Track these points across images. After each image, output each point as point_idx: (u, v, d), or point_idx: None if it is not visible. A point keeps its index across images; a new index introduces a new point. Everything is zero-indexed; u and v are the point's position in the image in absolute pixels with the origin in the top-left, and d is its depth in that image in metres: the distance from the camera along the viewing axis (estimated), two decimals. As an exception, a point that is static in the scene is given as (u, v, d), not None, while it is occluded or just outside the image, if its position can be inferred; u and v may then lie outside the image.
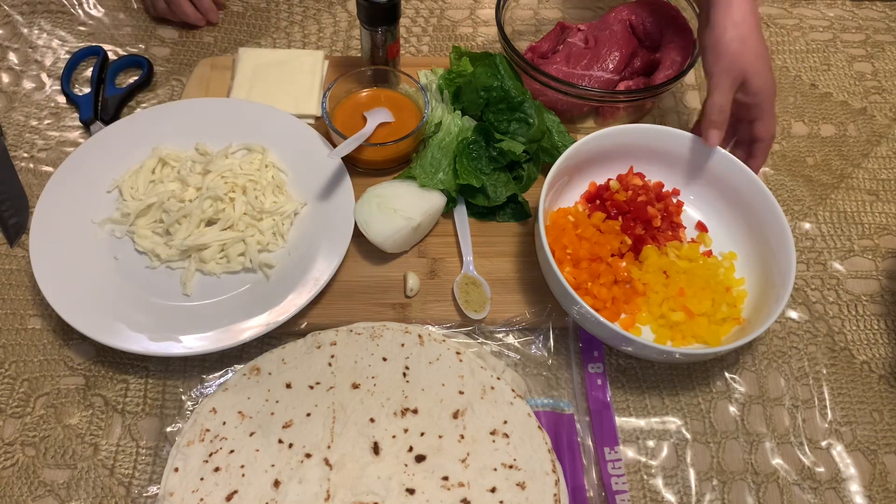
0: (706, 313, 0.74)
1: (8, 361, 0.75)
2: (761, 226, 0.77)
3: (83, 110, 0.92)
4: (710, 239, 0.81)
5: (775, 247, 0.74)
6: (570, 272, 0.75)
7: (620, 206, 0.80)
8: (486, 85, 0.83)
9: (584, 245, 0.76)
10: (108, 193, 0.81)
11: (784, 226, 0.74)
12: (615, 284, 0.75)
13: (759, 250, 0.77)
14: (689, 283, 0.75)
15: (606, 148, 0.81)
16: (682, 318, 0.73)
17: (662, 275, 0.76)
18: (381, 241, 0.77)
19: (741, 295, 0.76)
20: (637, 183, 0.82)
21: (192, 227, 0.77)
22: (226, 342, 0.71)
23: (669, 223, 0.81)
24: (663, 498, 0.69)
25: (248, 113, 0.87)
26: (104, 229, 0.79)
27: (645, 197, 0.80)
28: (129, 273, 0.77)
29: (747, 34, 0.73)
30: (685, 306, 0.73)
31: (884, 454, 0.72)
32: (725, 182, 0.80)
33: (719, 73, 0.74)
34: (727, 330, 0.73)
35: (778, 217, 0.75)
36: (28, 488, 0.68)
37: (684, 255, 0.78)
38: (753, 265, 0.78)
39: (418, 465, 0.64)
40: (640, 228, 0.79)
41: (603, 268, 0.75)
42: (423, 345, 0.71)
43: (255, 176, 0.81)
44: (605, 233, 0.78)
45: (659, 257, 0.78)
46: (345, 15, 1.05)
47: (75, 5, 1.04)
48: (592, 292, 0.74)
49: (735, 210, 0.80)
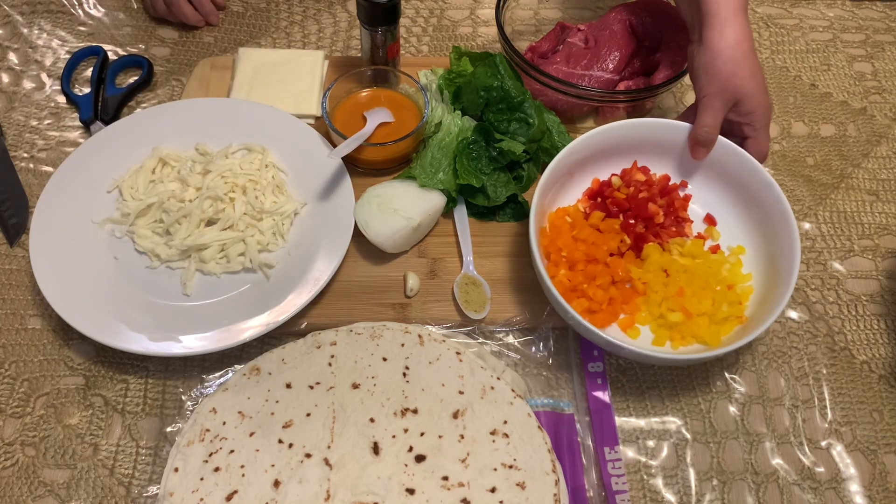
0: (706, 313, 0.73)
1: (8, 361, 0.75)
2: (768, 220, 0.76)
3: (83, 110, 0.92)
4: (717, 233, 0.80)
5: (781, 243, 0.73)
6: (565, 275, 0.75)
7: (621, 203, 0.79)
8: (487, 85, 0.83)
9: (579, 247, 0.76)
10: (108, 193, 0.81)
11: (791, 222, 0.72)
12: (613, 285, 0.75)
13: (765, 246, 0.76)
14: (689, 282, 0.74)
15: (608, 144, 0.80)
16: (680, 319, 0.73)
17: (663, 274, 0.76)
18: (381, 241, 0.77)
19: (746, 292, 0.75)
20: (640, 178, 0.81)
21: (192, 227, 0.77)
22: (226, 342, 0.71)
23: (674, 218, 0.79)
24: (663, 498, 0.69)
25: (248, 113, 0.87)
26: (104, 229, 0.79)
27: (647, 193, 0.79)
28: (129, 273, 0.77)
29: (741, 56, 0.72)
30: (683, 307, 0.73)
31: (884, 454, 0.72)
32: (733, 174, 0.78)
33: (712, 95, 0.73)
34: (728, 329, 0.73)
35: (785, 212, 0.73)
36: (28, 488, 0.68)
37: (688, 251, 0.77)
38: (761, 261, 0.77)
39: (418, 465, 0.64)
40: (641, 226, 0.78)
41: (600, 269, 0.74)
42: (423, 345, 0.71)
43: (255, 176, 0.81)
44: (605, 232, 0.78)
45: (661, 255, 0.77)
46: (345, 15, 1.05)
47: (75, 5, 1.04)
48: (588, 294, 0.73)
49: (743, 203, 0.79)
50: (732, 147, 0.77)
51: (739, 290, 0.75)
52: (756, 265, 0.77)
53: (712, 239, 0.80)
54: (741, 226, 0.79)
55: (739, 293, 0.75)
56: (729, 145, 0.77)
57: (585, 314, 0.72)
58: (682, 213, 0.81)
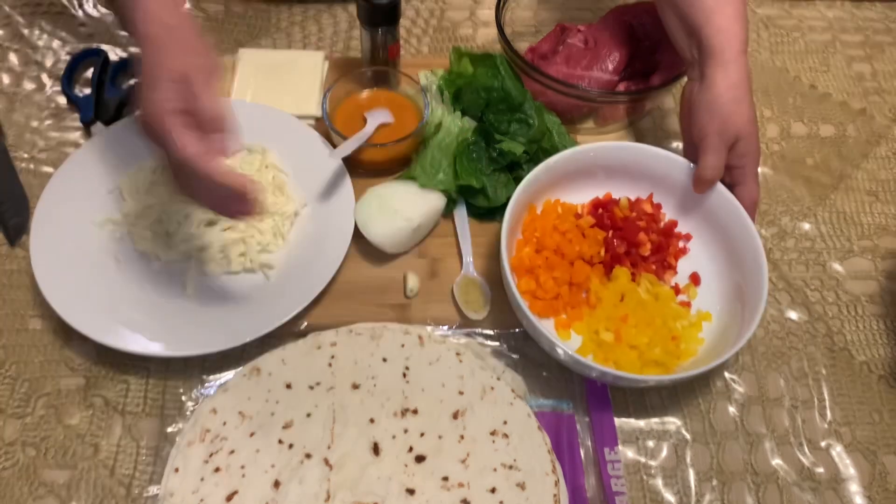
0: (637, 347, 0.71)
1: (8, 362, 0.75)
2: (745, 290, 0.74)
3: (84, 111, 0.92)
4: (695, 293, 0.78)
5: (745, 315, 0.71)
6: (527, 254, 0.75)
7: (615, 220, 0.79)
8: (487, 85, 0.83)
9: (554, 236, 0.76)
10: (109, 194, 0.81)
11: (761, 296, 0.70)
12: (569, 286, 0.75)
13: (730, 319, 0.74)
14: (636, 312, 0.73)
15: (632, 164, 0.80)
16: (610, 340, 0.72)
17: (619, 297, 0.75)
18: (380, 242, 0.77)
19: (688, 352, 0.73)
20: (647, 209, 0.80)
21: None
22: (227, 343, 0.71)
23: (661, 259, 0.78)
24: (663, 498, 0.69)
25: (247, 114, 0.86)
26: (104, 230, 0.79)
27: (644, 223, 0.78)
28: (129, 274, 0.77)
29: (742, 96, 0.72)
30: (618, 330, 0.72)
31: (883, 454, 0.73)
32: (734, 244, 0.76)
33: (713, 134, 0.72)
34: (650, 371, 0.71)
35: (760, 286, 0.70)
36: (28, 488, 0.68)
37: (654, 291, 0.76)
38: (716, 328, 0.75)
39: (418, 465, 0.64)
40: (623, 248, 0.77)
41: (563, 265, 0.75)
42: (423, 345, 0.71)
43: (256, 176, 0.81)
44: (587, 237, 0.77)
45: (627, 282, 0.76)
46: (345, 15, 1.05)
47: (76, 6, 1.04)
48: (539, 280, 0.73)
49: (730, 274, 0.77)
50: (743, 216, 0.75)
51: (683, 346, 0.73)
52: (711, 333, 0.75)
53: (688, 296, 0.78)
54: (720, 295, 0.77)
55: (681, 349, 0.73)
56: (741, 214, 0.75)
57: (528, 296, 0.73)
58: (671, 260, 0.79)
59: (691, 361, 0.72)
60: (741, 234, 0.75)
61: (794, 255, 0.85)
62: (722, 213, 0.77)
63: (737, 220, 0.75)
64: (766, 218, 0.88)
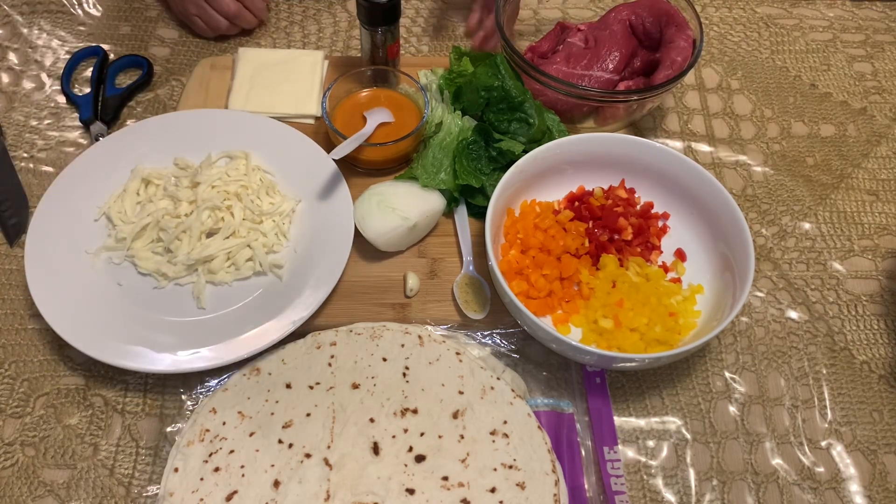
0: (638, 329, 0.72)
1: (8, 361, 0.75)
2: (732, 259, 0.75)
3: (83, 110, 0.92)
4: (683, 268, 0.79)
5: (736, 282, 0.72)
6: (514, 256, 0.76)
7: (593, 210, 0.79)
8: (487, 85, 0.83)
9: (537, 235, 0.77)
10: (96, 222, 0.79)
11: (749, 258, 0.71)
12: (560, 281, 0.75)
13: (722, 288, 0.75)
14: (631, 295, 0.74)
15: (599, 154, 0.81)
16: (610, 327, 0.72)
17: (610, 284, 0.75)
18: (375, 238, 0.77)
19: (688, 326, 0.74)
20: (622, 195, 0.81)
21: (193, 241, 0.76)
22: (254, 346, 0.70)
23: (644, 241, 0.79)
24: (663, 498, 0.69)
25: (222, 121, 0.85)
26: (100, 258, 0.77)
27: (622, 209, 0.79)
28: (137, 297, 0.75)
29: None
30: (616, 315, 0.72)
31: (884, 454, 0.73)
32: (713, 214, 0.77)
33: None
34: (654, 351, 0.71)
35: (748, 256, 0.72)
36: (28, 488, 0.68)
37: (644, 273, 0.76)
38: (711, 299, 0.76)
39: (418, 465, 0.64)
40: (606, 236, 0.78)
41: (550, 261, 0.75)
42: (422, 345, 0.71)
43: (245, 181, 0.81)
44: (569, 231, 0.78)
45: (616, 268, 0.76)
46: (345, 15, 1.05)
47: (75, 5, 1.04)
48: (530, 280, 0.74)
49: (715, 245, 0.78)
50: (719, 188, 0.76)
51: (682, 321, 0.74)
52: (707, 304, 0.76)
53: (677, 273, 0.79)
54: (709, 266, 0.78)
55: (681, 324, 0.73)
56: (717, 187, 0.76)
57: (522, 297, 0.73)
58: (654, 241, 0.80)
59: (692, 334, 0.73)
60: (717, 202, 0.76)
61: (795, 254, 0.85)
62: (693, 184, 0.78)
63: (710, 190, 0.77)
64: (766, 217, 0.88)
